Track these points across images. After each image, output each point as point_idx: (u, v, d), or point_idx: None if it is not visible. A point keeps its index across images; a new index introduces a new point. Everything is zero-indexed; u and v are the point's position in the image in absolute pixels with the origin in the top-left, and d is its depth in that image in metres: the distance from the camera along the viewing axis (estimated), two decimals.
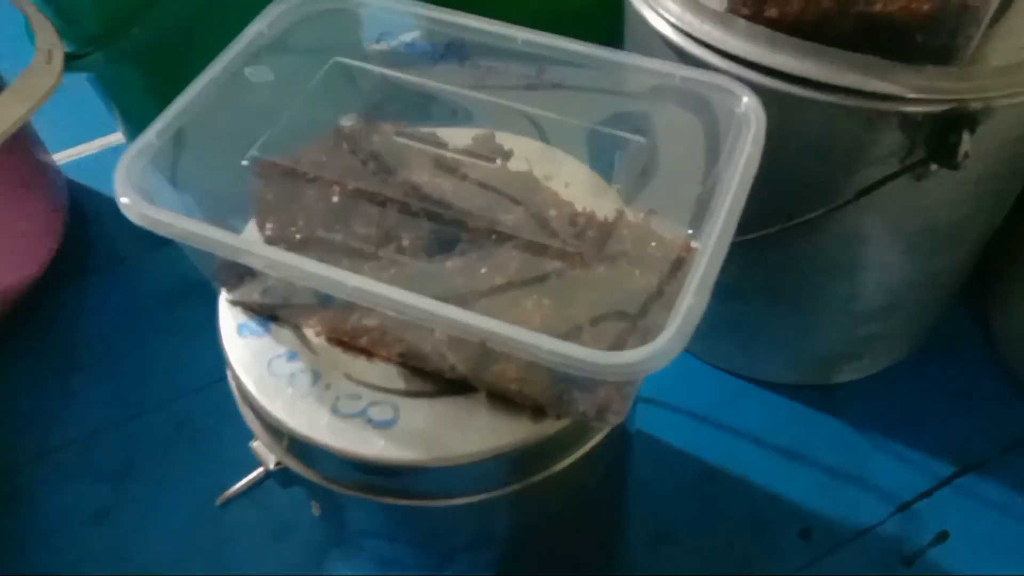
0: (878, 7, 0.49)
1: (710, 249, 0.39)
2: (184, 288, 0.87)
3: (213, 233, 0.38)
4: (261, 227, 0.47)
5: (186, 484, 0.73)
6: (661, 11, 0.56)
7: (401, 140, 0.47)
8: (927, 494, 0.73)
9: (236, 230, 0.49)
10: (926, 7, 0.48)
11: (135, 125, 0.92)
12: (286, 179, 0.46)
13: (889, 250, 0.64)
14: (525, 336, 0.35)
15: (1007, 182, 0.63)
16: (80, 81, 0.85)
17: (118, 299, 0.88)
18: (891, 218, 0.60)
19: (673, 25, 0.56)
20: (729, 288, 0.71)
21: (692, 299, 0.36)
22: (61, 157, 1.00)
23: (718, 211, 0.41)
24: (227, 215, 0.49)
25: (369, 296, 0.36)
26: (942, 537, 0.70)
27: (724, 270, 0.66)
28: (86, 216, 0.95)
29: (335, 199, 0.46)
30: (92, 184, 0.98)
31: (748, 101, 0.44)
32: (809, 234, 0.61)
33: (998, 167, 0.59)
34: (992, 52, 0.55)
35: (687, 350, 0.80)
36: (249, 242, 0.41)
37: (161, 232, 0.39)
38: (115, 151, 1.01)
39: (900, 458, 0.75)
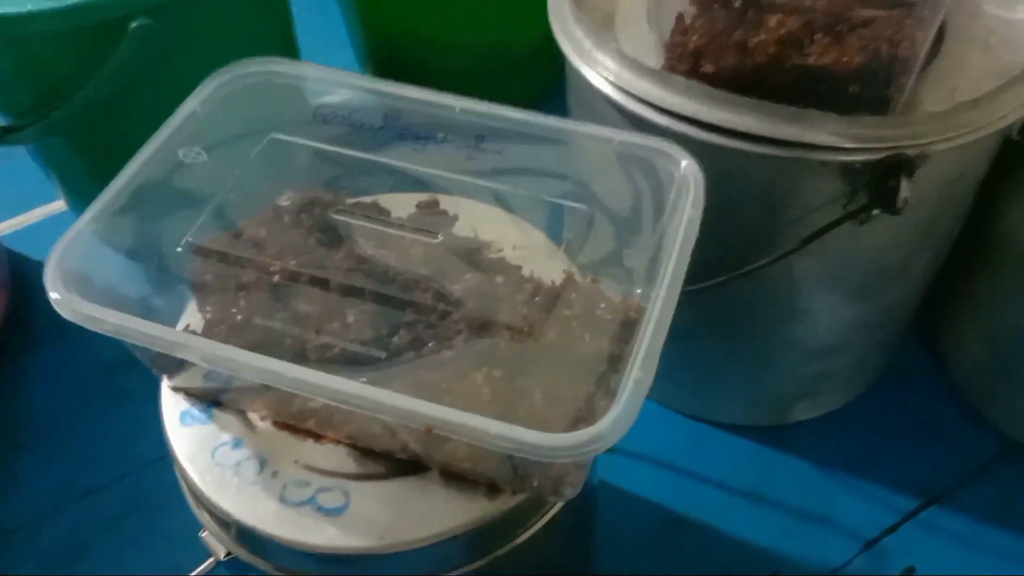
0: (811, 60, 0.50)
1: (654, 319, 0.38)
2: (130, 356, 0.84)
3: (146, 328, 0.37)
4: (202, 309, 0.46)
5: (139, 565, 0.71)
6: (599, 69, 0.57)
7: (342, 216, 0.46)
8: (892, 530, 0.73)
9: (184, 299, 0.48)
10: (857, 59, 0.49)
11: (76, 194, 0.90)
12: (224, 260, 0.45)
13: (838, 291, 0.64)
14: (471, 421, 0.34)
15: (948, 220, 0.64)
16: (19, 149, 0.83)
17: (62, 372, 0.85)
18: (838, 261, 0.61)
19: (612, 83, 0.56)
20: (684, 332, 0.71)
21: (639, 372, 0.36)
22: (2, 228, 0.98)
23: (662, 278, 0.40)
24: (175, 286, 0.48)
25: (309, 387, 0.35)
26: (909, 572, 0.70)
27: (678, 315, 0.66)
28: (29, 287, 0.92)
29: (276, 278, 0.45)
30: (34, 254, 0.95)
31: (687, 164, 0.44)
32: (759, 280, 0.61)
33: (939, 207, 0.60)
34: (925, 96, 0.56)
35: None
36: (183, 335, 0.39)
37: (93, 328, 0.38)
38: (57, 219, 0.98)
39: (863, 495, 0.75)
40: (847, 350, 0.71)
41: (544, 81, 0.94)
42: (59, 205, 0.99)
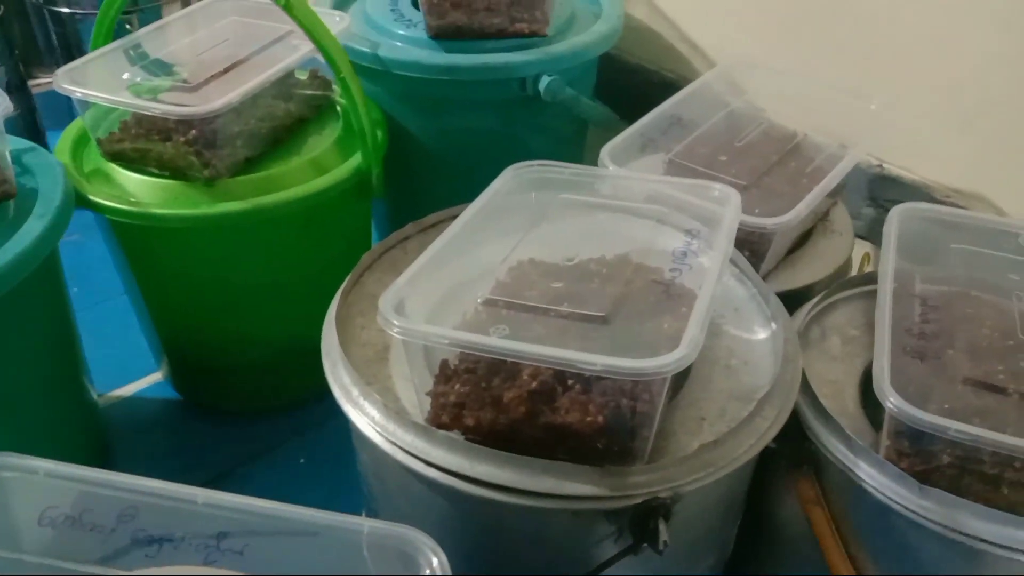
0: (559, 418, 0.52)
1: None
2: None
3: None
4: None
5: None
6: (366, 419, 0.57)
7: None
8: None
9: None
10: (600, 419, 0.51)
11: None
12: None
13: None
14: None
15: (724, 528, 0.66)
16: None
17: None
18: None
19: (379, 433, 0.56)
20: None
21: None
22: None
23: None
24: None
25: None
26: None
27: None
28: None
29: None
30: None
31: (437, 563, 0.43)
32: None
33: (709, 523, 0.62)
34: (677, 425, 0.59)
35: None
36: None
37: None
38: None
39: None
40: None
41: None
42: None
